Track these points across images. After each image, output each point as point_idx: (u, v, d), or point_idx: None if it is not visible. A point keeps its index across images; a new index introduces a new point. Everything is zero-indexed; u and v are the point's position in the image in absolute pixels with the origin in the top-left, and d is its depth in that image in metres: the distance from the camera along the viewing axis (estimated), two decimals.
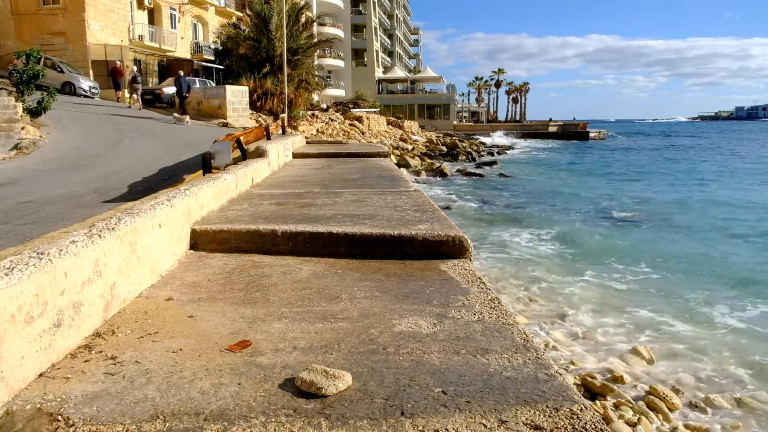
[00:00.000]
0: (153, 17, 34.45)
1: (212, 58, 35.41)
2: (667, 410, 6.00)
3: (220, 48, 33.63)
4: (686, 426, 5.78)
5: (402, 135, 45.05)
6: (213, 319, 2.58)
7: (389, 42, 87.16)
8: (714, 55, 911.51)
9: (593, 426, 1.69)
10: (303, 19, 31.41)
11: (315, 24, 35.74)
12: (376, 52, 74.13)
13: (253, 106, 26.62)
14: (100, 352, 2.22)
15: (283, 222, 4.13)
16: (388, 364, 2.09)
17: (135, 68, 24.96)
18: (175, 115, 21.46)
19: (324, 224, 4.05)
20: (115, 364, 2.10)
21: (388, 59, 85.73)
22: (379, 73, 74.60)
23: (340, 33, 58.16)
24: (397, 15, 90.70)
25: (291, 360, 2.14)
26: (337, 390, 1.86)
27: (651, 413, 5.87)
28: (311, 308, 2.73)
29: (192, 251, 3.80)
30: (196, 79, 29.10)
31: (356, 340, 2.33)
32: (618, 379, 6.50)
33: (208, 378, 1.99)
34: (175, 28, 36.21)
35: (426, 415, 1.73)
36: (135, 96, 24.43)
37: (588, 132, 77.75)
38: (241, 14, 38.04)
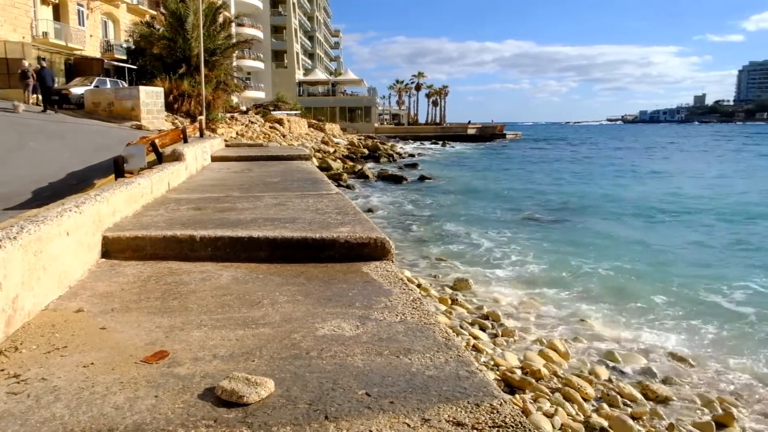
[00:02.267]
0: (59, 13, 32.69)
1: (124, 57, 33.96)
2: (581, 400, 6.27)
3: (133, 47, 32.31)
4: (599, 414, 6.07)
5: (324, 137, 44.93)
6: (127, 330, 2.48)
7: (310, 44, 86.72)
8: (620, 62, 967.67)
9: (512, 419, 1.74)
10: (220, 19, 30.66)
11: (233, 24, 35.00)
12: (297, 54, 73.56)
13: (169, 107, 25.75)
14: (2, 370, 2.07)
15: (202, 227, 4.02)
16: (311, 369, 2.07)
17: (26, 63, 23.31)
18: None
19: (244, 228, 3.97)
20: (18, 383, 1.97)
21: (309, 61, 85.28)
22: (299, 75, 74.07)
23: (259, 34, 57.25)
24: (317, 17, 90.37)
25: (211, 369, 2.08)
26: (260, 397, 1.83)
27: (567, 404, 6.12)
28: (232, 315, 2.67)
29: (104, 260, 3.63)
30: (107, 79, 27.85)
31: (279, 345, 2.30)
32: (536, 373, 6.73)
33: (123, 392, 1.90)
34: (84, 26, 34.51)
35: (350, 417, 1.73)
36: (27, 93, 22.94)
37: (505, 134, 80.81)
38: (154, 12, 36.74)
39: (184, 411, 1.77)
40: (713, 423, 6.13)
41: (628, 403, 6.50)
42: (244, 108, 43.21)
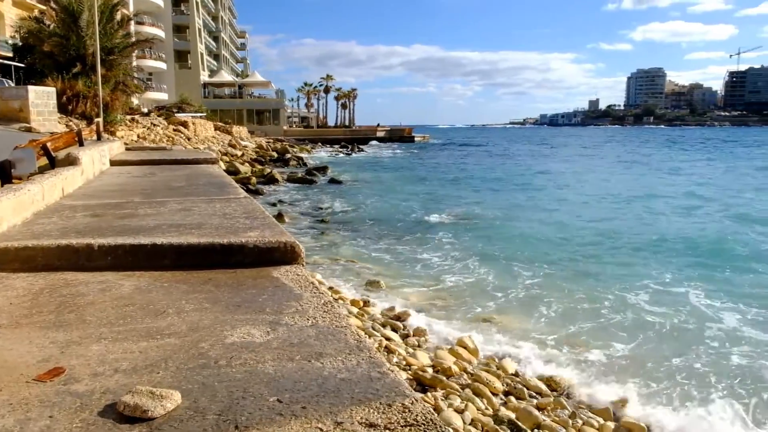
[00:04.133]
0: None
1: (10, 54, 31.59)
2: (490, 395, 6.48)
3: (20, 44, 30.12)
4: (507, 408, 6.29)
5: (231, 141, 43.90)
6: (17, 348, 2.31)
7: (215, 45, 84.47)
8: (521, 68, 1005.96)
9: (423, 417, 1.77)
10: (118, 17, 29.23)
11: (132, 22, 33.47)
12: (201, 54, 71.44)
13: (63, 109, 24.21)
14: None
15: (101, 235, 3.82)
16: (220, 378, 2.02)
17: None
18: None
19: (147, 235, 3.81)
20: None
21: (214, 62, 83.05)
22: (204, 76, 71.98)
23: (160, 33, 55.09)
24: (222, 17, 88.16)
25: (112, 384, 1.98)
26: (165, 410, 1.76)
27: (477, 399, 6.30)
28: (134, 326, 2.55)
29: None
30: None
31: (185, 355, 2.22)
32: (447, 371, 6.89)
33: (13, 414, 1.77)
34: None
35: (261, 425, 1.70)
36: None
37: (413, 136, 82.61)
38: (44, 7, 34.41)
39: (83, 430, 1.68)
40: (610, 408, 6.53)
41: (534, 395, 6.80)
42: (145, 110, 41.42)
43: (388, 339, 7.85)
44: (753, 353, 8.34)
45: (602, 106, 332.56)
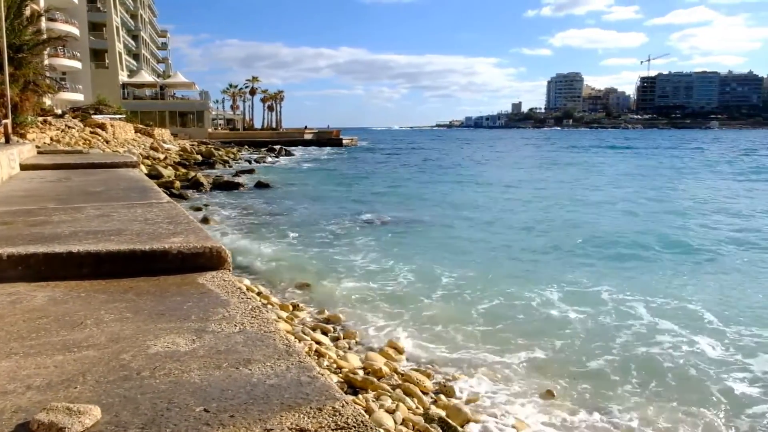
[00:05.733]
0: None
1: None
2: (421, 394, 6.56)
3: None
4: (437, 406, 6.39)
5: (153, 143, 42.51)
6: None
7: (134, 44, 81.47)
8: (447, 71, 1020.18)
9: (354, 420, 1.77)
10: (28, 12, 27.71)
11: (43, 19, 31.82)
12: (120, 53, 68.72)
13: None
14: None
15: (10, 244, 3.61)
16: (143, 390, 1.95)
17: None
18: None
19: (62, 243, 3.63)
20: None
21: (134, 62, 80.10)
22: (123, 76, 69.30)
23: (75, 30, 52.52)
24: (141, 15, 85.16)
25: (24, 402, 1.87)
26: (84, 427, 1.67)
27: (407, 399, 6.36)
28: (49, 339, 2.42)
29: None
30: None
31: (105, 368, 2.13)
32: (378, 372, 6.93)
33: None
34: None
35: None
36: None
37: (341, 139, 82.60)
38: None
39: None
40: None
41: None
42: (59, 111, 39.42)
43: (318, 343, 7.80)
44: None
45: (524, 109, 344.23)
